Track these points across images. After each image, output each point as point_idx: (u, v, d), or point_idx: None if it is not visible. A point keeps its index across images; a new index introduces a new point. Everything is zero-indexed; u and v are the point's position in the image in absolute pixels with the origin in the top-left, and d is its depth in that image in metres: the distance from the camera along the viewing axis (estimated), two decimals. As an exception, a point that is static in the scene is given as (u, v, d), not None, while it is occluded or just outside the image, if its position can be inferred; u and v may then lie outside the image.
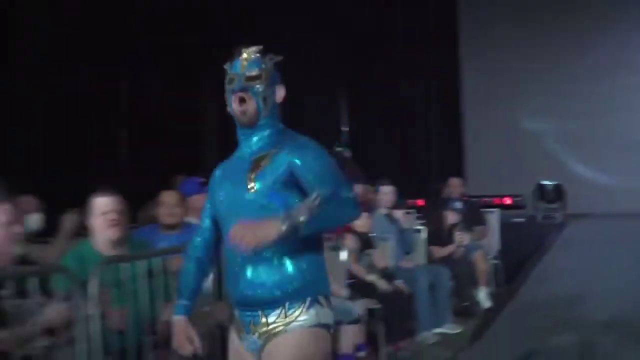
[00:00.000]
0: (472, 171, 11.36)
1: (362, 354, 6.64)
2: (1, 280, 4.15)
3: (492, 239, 9.68)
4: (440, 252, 8.53)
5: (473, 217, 9.37)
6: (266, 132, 3.22)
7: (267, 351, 3.00)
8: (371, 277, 7.26)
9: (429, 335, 7.66)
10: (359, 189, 8.92)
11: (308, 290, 3.05)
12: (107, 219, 5.03)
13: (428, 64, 11.63)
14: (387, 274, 7.44)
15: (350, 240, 7.35)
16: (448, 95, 11.87)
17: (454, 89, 11.92)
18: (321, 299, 3.09)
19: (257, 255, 3.01)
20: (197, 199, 6.93)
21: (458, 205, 9.10)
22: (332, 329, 3.17)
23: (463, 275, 8.50)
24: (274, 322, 2.99)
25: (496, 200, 10.83)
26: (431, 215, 9.12)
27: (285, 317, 2.99)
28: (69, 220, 6.23)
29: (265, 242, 2.88)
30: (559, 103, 11.11)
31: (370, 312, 6.93)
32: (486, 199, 10.77)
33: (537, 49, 11.37)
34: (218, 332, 4.76)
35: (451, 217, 8.75)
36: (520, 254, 9.43)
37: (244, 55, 3.21)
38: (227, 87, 3.19)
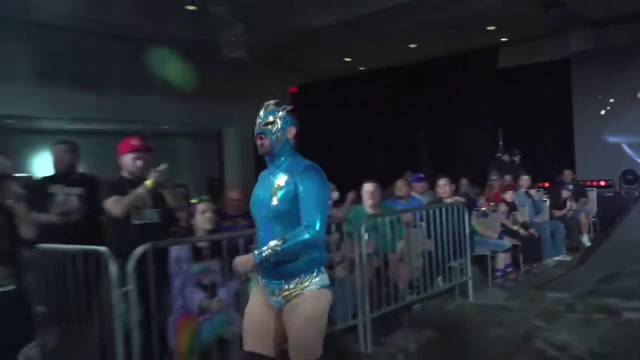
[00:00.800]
0: (581, 166, 10.63)
1: (509, 269, 6.49)
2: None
3: (592, 206, 9.04)
4: (558, 213, 8.10)
5: (579, 193, 8.83)
6: (282, 159, 2.65)
7: (289, 307, 2.56)
8: (515, 227, 7.05)
9: (550, 260, 7.37)
10: (509, 177, 8.72)
11: (315, 265, 2.58)
12: (367, 195, 5.25)
13: (551, 105, 11.13)
14: (525, 225, 7.21)
15: (503, 206, 7.15)
16: (565, 122, 11.17)
17: (569, 120, 11.19)
18: (323, 269, 2.63)
19: None
20: (417, 185, 7.12)
21: (569, 186, 8.55)
22: (330, 287, 2.67)
23: (572, 226, 8.09)
24: (293, 288, 2.55)
25: (595, 183, 10.19)
26: (553, 192, 8.65)
27: (302, 284, 2.56)
28: (351, 195, 6.37)
29: (247, 269, 2.59)
30: (631, 125, 10.32)
31: (515, 246, 6.78)
32: (588, 181, 10.11)
33: (619, 96, 10.62)
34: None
35: (565, 193, 8.29)
36: (610, 215, 8.73)
37: (264, 106, 2.73)
38: (254, 129, 2.70)
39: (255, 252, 2.51)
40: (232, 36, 9.48)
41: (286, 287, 2.57)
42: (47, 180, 4.34)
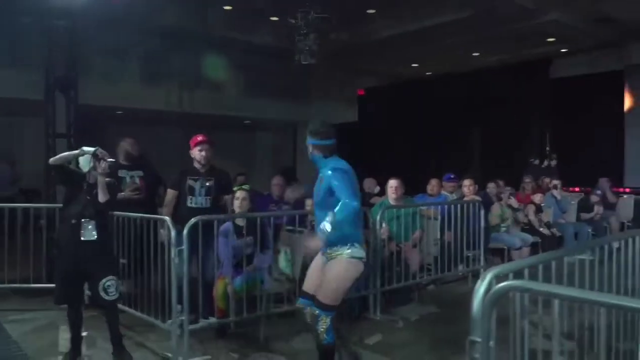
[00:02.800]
0: (629, 173, 10.54)
1: None
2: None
3: (629, 211, 8.81)
4: (585, 216, 8.14)
5: (608, 198, 8.73)
6: (320, 167, 3.32)
7: (328, 264, 3.21)
8: (540, 228, 7.30)
9: (571, 258, 7.44)
10: (547, 180, 8.77)
11: (348, 240, 3.17)
12: (391, 189, 5.68)
13: (603, 115, 10.95)
14: (548, 225, 7.42)
15: (530, 208, 7.42)
16: (616, 131, 10.97)
17: (620, 129, 10.97)
18: (355, 244, 3.19)
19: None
20: (448, 184, 7.42)
21: (599, 192, 8.50)
22: (363, 259, 3.22)
23: (600, 230, 8.02)
24: (332, 252, 3.19)
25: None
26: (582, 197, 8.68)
27: (337, 251, 3.18)
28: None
29: (318, 247, 3.18)
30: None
31: (536, 243, 6.95)
32: (629, 189, 9.94)
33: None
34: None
35: (593, 198, 8.28)
36: None
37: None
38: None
39: (319, 232, 3.08)
40: (305, 45, 10.21)
41: (328, 251, 3.22)
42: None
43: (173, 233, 4.09)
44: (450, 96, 12.75)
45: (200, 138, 4.80)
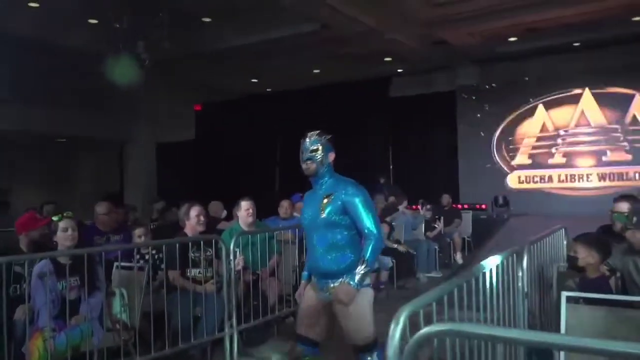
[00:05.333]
0: (463, 189, 11.52)
1: (382, 286, 6.80)
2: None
3: (467, 226, 9.65)
4: (430, 234, 8.57)
5: (453, 215, 9.42)
6: (325, 179, 3.13)
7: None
8: (395, 245, 7.43)
9: (422, 276, 7.83)
10: (392, 198, 9.16)
11: (354, 267, 2.98)
12: (246, 212, 5.33)
13: (438, 134, 11.89)
14: (398, 242, 7.60)
15: (385, 227, 7.56)
16: (450, 149, 11.96)
17: (454, 147, 11.96)
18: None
19: (328, 252, 3.02)
20: (298, 205, 7.32)
21: (445, 208, 9.10)
22: (370, 286, 3.06)
23: (444, 245, 8.59)
24: (338, 286, 2.99)
25: (477, 206, 10.93)
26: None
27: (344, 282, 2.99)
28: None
29: (352, 297, 2.92)
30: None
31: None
32: (467, 204, 10.87)
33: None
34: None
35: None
36: (482, 235, 9.39)
37: (309, 136, 3.19)
38: (301, 155, 3.17)
39: (352, 282, 2.95)
40: (133, 53, 9.40)
41: (332, 285, 3.03)
42: None
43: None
44: (292, 113, 12.79)
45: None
